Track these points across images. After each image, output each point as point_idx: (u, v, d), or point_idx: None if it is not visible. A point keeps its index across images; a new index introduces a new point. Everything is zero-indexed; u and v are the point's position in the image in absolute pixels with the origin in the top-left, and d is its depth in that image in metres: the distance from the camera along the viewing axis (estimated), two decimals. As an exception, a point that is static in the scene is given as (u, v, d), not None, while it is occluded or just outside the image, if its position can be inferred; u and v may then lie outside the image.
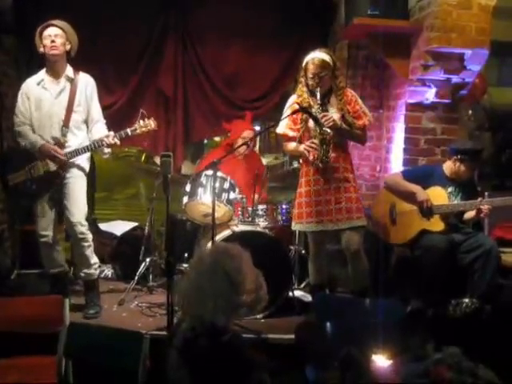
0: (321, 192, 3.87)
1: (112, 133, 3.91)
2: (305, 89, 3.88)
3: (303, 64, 3.85)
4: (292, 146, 3.99)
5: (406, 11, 4.60)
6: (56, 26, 3.87)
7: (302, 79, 3.89)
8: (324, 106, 3.81)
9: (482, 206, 3.97)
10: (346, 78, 4.95)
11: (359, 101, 3.97)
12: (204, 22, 5.41)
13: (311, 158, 3.83)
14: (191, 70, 5.45)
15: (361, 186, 5.10)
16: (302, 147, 3.85)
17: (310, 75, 3.79)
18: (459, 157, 4.11)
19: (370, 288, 4.00)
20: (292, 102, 3.93)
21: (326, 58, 3.77)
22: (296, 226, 4.05)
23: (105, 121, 4.12)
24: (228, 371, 2.03)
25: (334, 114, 3.79)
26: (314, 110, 3.75)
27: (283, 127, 3.97)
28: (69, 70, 3.98)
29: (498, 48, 4.82)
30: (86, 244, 3.99)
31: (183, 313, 2.27)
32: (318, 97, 3.75)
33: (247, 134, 4.94)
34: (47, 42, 3.84)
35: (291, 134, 3.95)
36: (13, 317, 3.18)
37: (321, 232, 3.93)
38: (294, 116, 3.88)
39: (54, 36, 3.84)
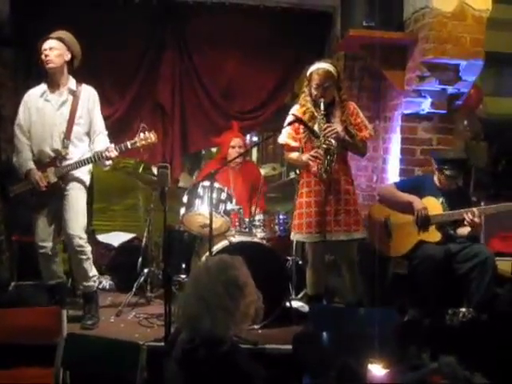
0: (321, 203, 3.86)
1: (112, 145, 3.92)
2: (308, 98, 3.90)
3: (307, 74, 3.88)
4: (295, 155, 4.01)
5: (401, 23, 4.65)
6: (52, 38, 3.88)
7: (306, 89, 3.91)
8: (327, 116, 3.83)
9: (475, 219, 3.96)
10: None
11: (361, 114, 3.99)
12: (201, 34, 5.44)
13: (315, 168, 3.84)
14: (188, 82, 5.48)
15: (358, 197, 5.11)
16: (305, 157, 3.86)
17: (314, 85, 3.82)
18: (438, 167, 4.14)
19: (365, 299, 4.02)
20: (294, 112, 3.94)
21: (331, 68, 3.80)
22: (295, 237, 4.07)
23: (107, 132, 4.12)
24: (226, 382, 2.03)
25: (337, 126, 3.82)
26: (318, 120, 3.77)
27: (285, 137, 3.98)
28: (71, 82, 3.99)
29: (494, 58, 4.86)
30: (84, 257, 3.99)
31: (181, 323, 2.27)
32: (322, 107, 3.78)
33: (235, 141, 4.94)
34: (43, 56, 3.86)
35: (293, 144, 3.97)
36: (10, 328, 3.17)
37: (320, 243, 3.94)
38: (296, 126, 3.89)
39: (49, 49, 3.86)
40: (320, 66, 3.82)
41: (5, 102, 4.92)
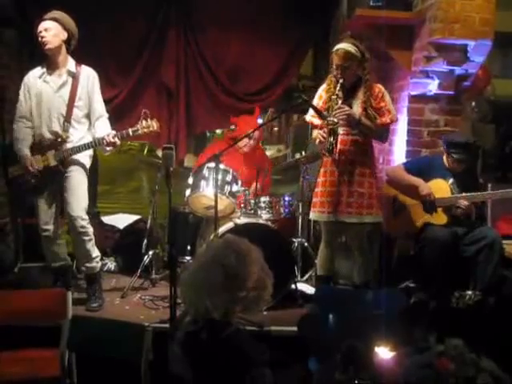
0: (335, 183, 3.88)
1: (113, 132, 3.89)
2: (333, 78, 3.88)
3: (330, 54, 3.87)
4: (314, 133, 4.02)
5: (408, 2, 4.57)
6: (47, 19, 3.85)
7: (332, 69, 3.89)
8: (348, 98, 3.82)
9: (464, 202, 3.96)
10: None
11: (386, 98, 3.93)
12: (205, 14, 5.40)
13: (321, 146, 3.84)
14: (193, 63, 5.44)
15: (376, 180, 5.08)
16: (316, 133, 3.89)
17: (334, 66, 3.80)
18: (446, 148, 4.12)
19: (372, 282, 4.01)
20: (320, 91, 3.97)
21: (351, 49, 3.76)
22: (311, 215, 4.09)
23: (107, 115, 4.09)
24: (228, 366, 2.02)
25: (356, 109, 3.79)
26: (332, 99, 3.76)
27: (310, 115, 4.01)
28: (70, 64, 3.95)
29: (502, 39, 4.79)
30: (86, 238, 3.98)
31: (185, 306, 2.26)
32: (338, 88, 3.76)
33: (255, 134, 4.90)
34: (39, 37, 3.83)
35: (316, 121, 3.96)
36: (16, 310, 3.17)
37: (333, 223, 3.94)
38: (321, 105, 3.88)
39: (44, 30, 3.82)
40: (340, 47, 3.78)
41: (8, 84, 4.89)
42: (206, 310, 2.05)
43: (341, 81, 3.76)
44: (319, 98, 3.95)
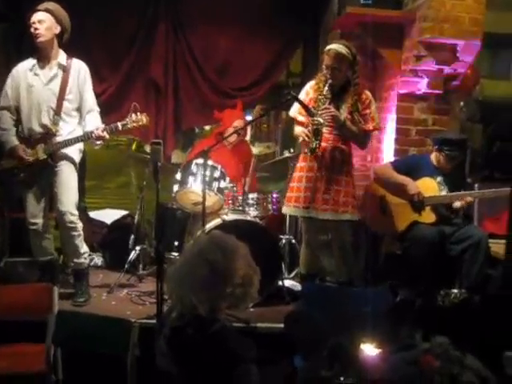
0: (312, 179, 3.90)
1: (102, 126, 3.87)
2: (323, 78, 3.88)
3: (322, 54, 3.89)
4: (298, 130, 4.01)
5: (399, 1, 4.59)
6: (40, 10, 3.80)
7: (323, 68, 3.88)
8: (336, 99, 3.83)
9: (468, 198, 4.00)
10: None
11: (372, 106, 3.96)
12: (194, 10, 5.37)
13: (304, 144, 3.86)
14: (182, 58, 5.42)
15: (353, 179, 5.10)
16: (300, 131, 3.89)
17: (324, 66, 3.80)
18: (439, 147, 4.14)
19: (358, 279, 4.03)
20: (307, 88, 3.99)
21: (343, 50, 3.76)
22: (284, 209, 4.12)
23: (98, 109, 4.06)
24: (214, 362, 2.02)
25: (343, 111, 3.81)
26: (319, 99, 3.77)
27: (295, 111, 4.02)
28: (61, 57, 3.92)
29: (491, 40, 4.82)
30: (75, 233, 3.96)
31: (172, 301, 2.25)
32: (326, 88, 3.77)
33: (238, 123, 4.93)
34: (32, 29, 3.77)
35: (300, 118, 3.98)
36: (1, 305, 3.17)
37: (314, 221, 3.95)
38: (307, 101, 3.88)
39: (38, 22, 3.77)
40: (332, 47, 3.80)
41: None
42: (191, 306, 2.05)
43: (330, 81, 3.77)
44: (306, 94, 3.95)
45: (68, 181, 3.93)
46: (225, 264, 2.08)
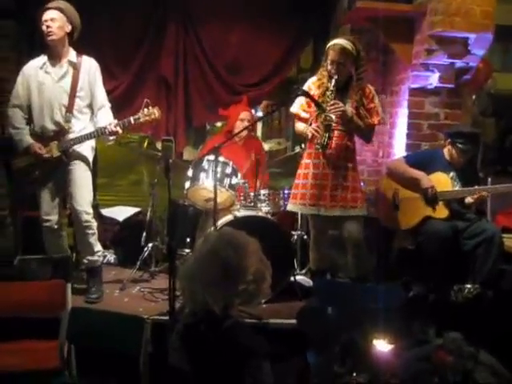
0: (318, 176, 3.87)
1: (115, 121, 3.88)
2: (325, 73, 3.85)
3: (326, 48, 3.83)
4: (301, 126, 3.99)
5: (409, -5, 4.57)
6: (52, 8, 3.80)
7: (325, 63, 3.86)
8: (341, 94, 3.79)
9: (484, 193, 3.97)
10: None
11: (377, 99, 3.93)
12: (204, 6, 5.36)
13: (314, 141, 3.82)
14: (192, 55, 5.42)
15: (363, 172, 5.08)
16: (308, 128, 3.85)
17: (328, 61, 3.77)
18: (452, 140, 4.11)
19: (370, 275, 4.01)
20: (309, 84, 3.95)
21: (348, 45, 3.73)
22: (289, 206, 4.10)
23: (110, 105, 4.07)
24: (227, 358, 2.02)
25: (348, 105, 3.77)
26: (327, 95, 3.73)
27: (297, 107, 3.99)
28: (71, 54, 3.93)
29: (503, 33, 4.78)
30: (90, 232, 3.98)
31: (184, 299, 2.26)
32: (333, 83, 3.73)
33: (244, 115, 4.94)
34: (44, 27, 3.78)
35: (303, 114, 3.96)
36: (15, 301, 3.19)
37: (321, 218, 3.93)
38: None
39: (50, 20, 3.78)
40: (337, 42, 3.76)
41: (8, 76, 4.86)
42: (204, 303, 2.05)
43: (335, 77, 3.74)
44: (308, 90, 3.88)
45: (82, 179, 3.95)
46: (237, 260, 2.07)
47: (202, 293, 2.04)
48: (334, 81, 3.74)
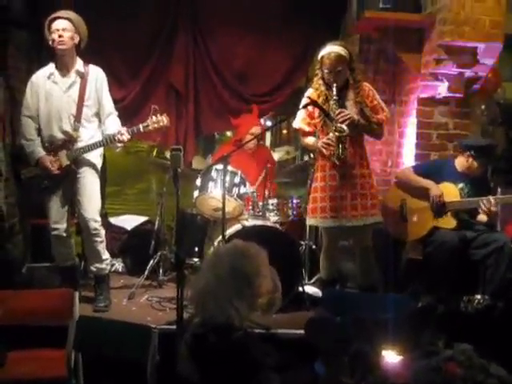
0: (336, 188, 3.83)
1: (124, 128, 3.90)
2: (321, 82, 3.82)
3: (319, 58, 3.80)
4: (310, 140, 3.95)
5: (418, 4, 4.56)
6: (63, 18, 3.83)
7: (319, 72, 3.83)
8: (341, 100, 3.76)
9: (492, 208, 3.92)
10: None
11: (377, 95, 3.91)
12: (214, 15, 5.40)
13: (327, 154, 3.78)
14: (202, 64, 5.45)
15: (374, 180, 5.07)
16: (319, 144, 3.81)
17: (326, 70, 3.74)
18: (473, 153, 4.07)
19: (378, 284, 3.99)
20: (307, 96, 3.86)
21: (343, 52, 3.72)
22: (310, 221, 4.04)
23: (117, 113, 4.09)
24: (235, 369, 2.01)
25: (351, 109, 3.75)
26: (331, 104, 3.71)
27: (299, 122, 3.93)
28: (79, 64, 3.95)
29: (512, 42, 4.77)
30: (98, 239, 4.00)
31: (196, 310, 2.24)
32: (335, 92, 3.71)
33: (255, 129, 4.95)
34: (55, 36, 3.80)
35: (307, 128, 3.91)
36: (23, 310, 3.19)
37: (336, 228, 3.91)
38: (311, 110, 3.84)
39: (62, 30, 3.80)
40: (332, 50, 3.72)
41: (19, 85, 4.89)
42: (225, 317, 2.04)
43: (335, 85, 3.72)
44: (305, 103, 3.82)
45: (91, 187, 3.97)
46: (255, 272, 2.10)
47: (219, 305, 2.04)
48: (335, 89, 3.71)
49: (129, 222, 5.43)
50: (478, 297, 3.86)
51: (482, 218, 4.04)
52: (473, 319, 3.72)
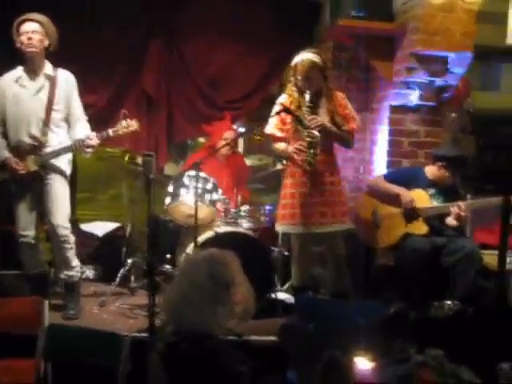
0: (306, 195, 3.84)
1: (93, 133, 3.85)
2: (294, 88, 3.84)
3: (292, 64, 3.81)
4: (281, 146, 3.95)
5: (390, 13, 4.61)
6: (33, 20, 3.76)
7: (292, 79, 3.85)
8: (314, 107, 3.77)
9: (461, 213, 3.97)
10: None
11: (349, 104, 3.95)
12: (188, 22, 5.38)
13: (299, 160, 3.79)
14: (175, 70, 5.42)
15: (344, 188, 5.10)
16: (290, 149, 3.82)
17: (299, 77, 3.76)
18: (444, 163, 4.12)
19: (350, 290, 4.01)
20: (280, 102, 3.88)
21: (316, 59, 3.74)
22: (280, 227, 4.05)
23: (87, 118, 4.04)
24: (207, 377, 2.00)
25: (323, 117, 3.77)
26: (303, 111, 3.72)
27: (271, 127, 3.93)
28: (47, 67, 3.89)
29: (482, 52, 4.85)
30: (68, 246, 3.93)
31: (170, 318, 2.22)
32: (307, 98, 3.72)
33: (228, 134, 4.94)
34: (24, 38, 3.73)
35: (279, 134, 3.92)
36: (-9, 318, 3.13)
37: (305, 234, 3.91)
38: (283, 116, 3.84)
39: (31, 32, 3.74)
40: (305, 57, 3.75)
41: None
42: (188, 323, 2.02)
43: (308, 91, 3.73)
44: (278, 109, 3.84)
45: (60, 193, 3.91)
46: (230, 280, 2.09)
47: (199, 313, 2.02)
48: (308, 96, 3.72)
49: (100, 228, 5.38)
50: (449, 302, 3.90)
51: (451, 221, 4.09)
52: (444, 325, 3.76)
